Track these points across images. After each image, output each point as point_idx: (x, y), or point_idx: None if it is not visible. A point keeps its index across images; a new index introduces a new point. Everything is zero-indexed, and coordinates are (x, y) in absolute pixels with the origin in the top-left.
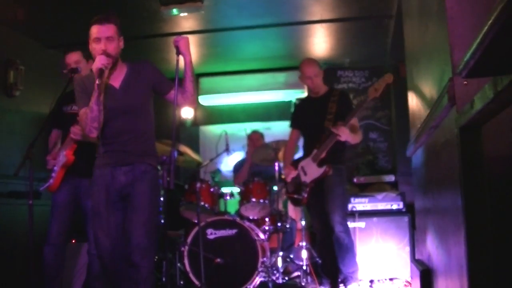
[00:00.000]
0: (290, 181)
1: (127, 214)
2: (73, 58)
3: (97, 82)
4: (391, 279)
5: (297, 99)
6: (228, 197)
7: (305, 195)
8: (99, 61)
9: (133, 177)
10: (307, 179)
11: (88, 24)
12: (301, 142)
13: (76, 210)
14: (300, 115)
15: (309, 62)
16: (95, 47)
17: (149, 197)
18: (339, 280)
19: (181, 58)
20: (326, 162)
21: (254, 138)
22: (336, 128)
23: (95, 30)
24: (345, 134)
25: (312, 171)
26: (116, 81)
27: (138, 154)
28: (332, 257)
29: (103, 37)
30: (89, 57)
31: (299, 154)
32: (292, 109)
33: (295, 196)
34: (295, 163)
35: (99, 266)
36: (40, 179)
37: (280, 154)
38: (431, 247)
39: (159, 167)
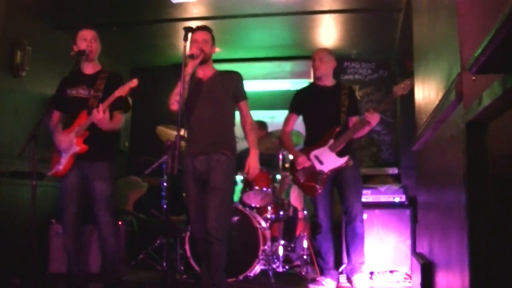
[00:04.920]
0: (301, 170)
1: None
2: (91, 34)
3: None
4: (391, 272)
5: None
6: None
7: (322, 184)
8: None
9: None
10: (324, 168)
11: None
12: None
13: (85, 192)
14: (307, 103)
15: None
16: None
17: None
18: (343, 271)
19: None
20: (344, 153)
21: None
22: (370, 114)
23: None
24: (375, 121)
25: (330, 161)
26: (204, 76)
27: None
28: (334, 248)
29: None
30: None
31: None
32: (295, 95)
33: (313, 184)
34: (305, 152)
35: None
36: (44, 160)
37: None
38: (433, 241)
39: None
